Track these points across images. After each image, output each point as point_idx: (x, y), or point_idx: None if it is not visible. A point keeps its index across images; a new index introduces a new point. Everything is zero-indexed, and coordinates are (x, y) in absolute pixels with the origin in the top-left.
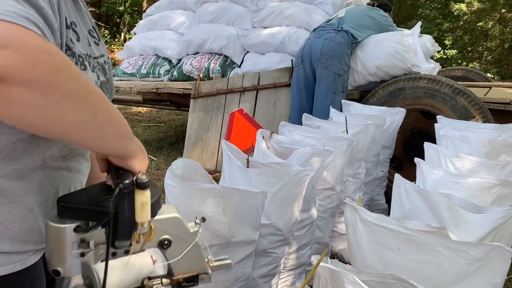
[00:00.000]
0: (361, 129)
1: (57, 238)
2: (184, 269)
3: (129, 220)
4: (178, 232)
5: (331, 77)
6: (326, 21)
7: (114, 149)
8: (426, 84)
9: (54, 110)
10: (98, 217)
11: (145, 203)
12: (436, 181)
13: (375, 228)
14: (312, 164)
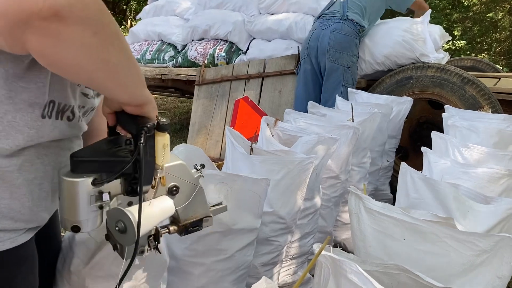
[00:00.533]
0: (367, 117)
1: (74, 193)
2: (190, 214)
3: (152, 163)
4: (185, 178)
5: (341, 71)
6: (328, 5)
7: (137, 95)
8: (435, 73)
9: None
10: (115, 168)
11: (166, 145)
12: (443, 171)
13: (380, 217)
14: (317, 152)
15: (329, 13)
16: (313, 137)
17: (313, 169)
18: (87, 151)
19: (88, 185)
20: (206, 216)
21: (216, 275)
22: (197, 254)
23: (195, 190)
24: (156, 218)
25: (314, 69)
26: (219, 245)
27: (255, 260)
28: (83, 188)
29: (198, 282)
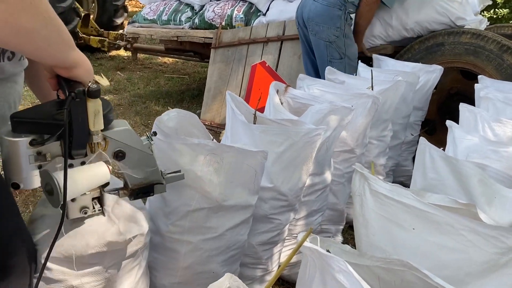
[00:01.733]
0: (390, 86)
1: (13, 152)
2: (140, 180)
3: (83, 129)
4: (131, 143)
5: (323, 45)
6: None
7: (61, 58)
8: (469, 40)
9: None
10: (52, 130)
11: (97, 112)
12: (470, 148)
13: (387, 201)
14: (328, 122)
15: None
16: (325, 106)
17: (323, 142)
18: (29, 112)
19: (26, 145)
20: (158, 182)
21: (204, 254)
22: (183, 231)
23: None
24: (87, 183)
25: (308, 39)
26: (208, 223)
27: (253, 238)
28: (22, 147)
29: (184, 261)
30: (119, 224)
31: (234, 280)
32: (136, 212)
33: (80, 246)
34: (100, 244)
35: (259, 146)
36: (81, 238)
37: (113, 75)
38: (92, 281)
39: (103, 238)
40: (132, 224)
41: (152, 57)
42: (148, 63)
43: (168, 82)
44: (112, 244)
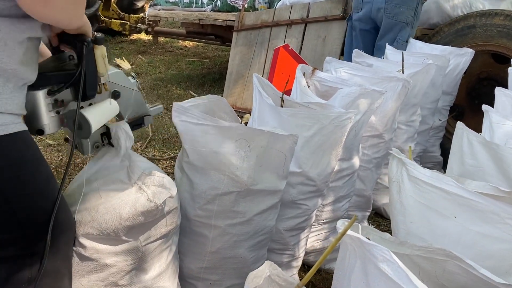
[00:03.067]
0: (419, 69)
1: (35, 103)
2: (132, 114)
3: (94, 72)
4: (123, 83)
5: (399, 27)
6: None
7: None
8: (502, 22)
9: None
10: (65, 79)
11: (104, 55)
12: (508, 134)
13: (427, 188)
14: (358, 106)
15: None
16: (355, 89)
17: (352, 126)
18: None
19: (44, 95)
20: (146, 114)
21: (232, 239)
22: (211, 215)
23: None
24: (105, 116)
25: (367, 24)
26: (236, 207)
27: (280, 224)
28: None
29: (212, 246)
30: (147, 192)
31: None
32: (163, 178)
33: (113, 219)
34: (133, 214)
35: (287, 130)
36: (113, 211)
37: (135, 58)
38: (125, 260)
39: (135, 208)
40: (161, 189)
41: (173, 40)
42: (169, 46)
43: (189, 66)
44: (144, 213)
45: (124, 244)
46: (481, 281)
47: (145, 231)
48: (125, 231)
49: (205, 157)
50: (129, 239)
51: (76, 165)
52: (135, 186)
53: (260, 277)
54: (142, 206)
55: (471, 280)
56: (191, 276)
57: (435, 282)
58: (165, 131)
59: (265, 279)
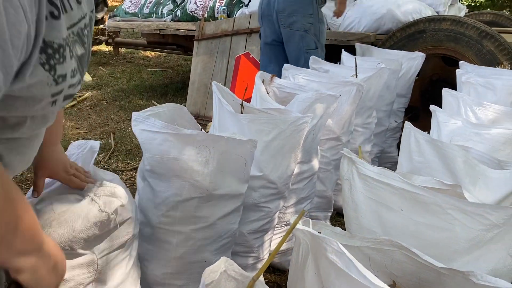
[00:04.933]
0: (373, 74)
1: None
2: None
3: None
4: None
5: (298, 36)
6: None
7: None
8: (450, 27)
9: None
10: None
11: None
12: (454, 132)
13: (375, 184)
14: (315, 110)
15: None
16: (311, 95)
17: (310, 130)
18: None
19: None
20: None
21: (196, 244)
22: (174, 222)
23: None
24: None
25: (273, 37)
26: (199, 212)
27: (243, 227)
28: None
29: (176, 251)
30: (99, 202)
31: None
32: (114, 187)
33: (67, 233)
34: (86, 226)
35: (247, 135)
36: (66, 225)
37: (96, 70)
38: (82, 273)
39: (87, 220)
40: (112, 198)
41: (134, 51)
42: (130, 57)
43: (151, 75)
44: (97, 224)
45: (80, 257)
46: (425, 267)
47: (100, 242)
48: (80, 244)
49: (166, 164)
50: (84, 251)
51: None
52: (87, 198)
53: (216, 272)
54: (94, 217)
55: (416, 267)
56: (156, 282)
57: (385, 272)
58: (128, 142)
59: (221, 273)
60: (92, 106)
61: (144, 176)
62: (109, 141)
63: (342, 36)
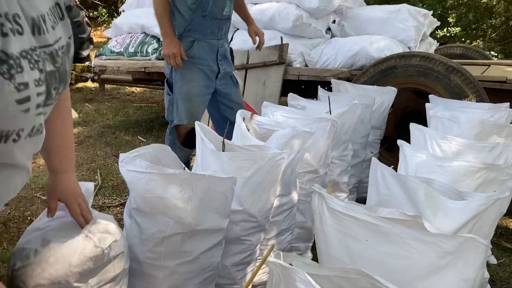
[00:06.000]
0: (347, 109)
1: None
2: None
3: None
4: None
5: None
6: None
7: None
8: (419, 62)
9: None
10: None
11: None
12: (419, 165)
13: (343, 217)
14: (292, 146)
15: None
16: (288, 131)
17: (288, 164)
18: None
19: None
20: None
21: (181, 277)
22: (160, 257)
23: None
24: None
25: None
26: (183, 247)
27: (226, 260)
28: None
29: (162, 285)
30: (94, 238)
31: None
32: (108, 224)
33: (64, 268)
34: (82, 261)
35: (228, 172)
36: (63, 260)
37: (82, 107)
38: None
39: (83, 255)
40: (106, 235)
41: (119, 87)
42: (116, 93)
43: (137, 111)
44: (92, 259)
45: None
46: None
47: (94, 275)
48: (75, 278)
49: (151, 202)
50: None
51: (25, 218)
52: (81, 234)
53: None
54: (89, 252)
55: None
56: None
57: None
58: (115, 178)
59: None
60: (79, 143)
61: (130, 214)
62: (96, 178)
63: (319, 72)
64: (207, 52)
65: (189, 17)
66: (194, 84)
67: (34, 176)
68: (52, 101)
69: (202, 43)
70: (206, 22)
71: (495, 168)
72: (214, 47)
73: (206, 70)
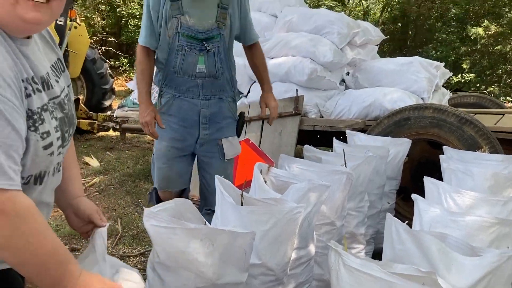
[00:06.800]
0: (362, 161)
1: None
2: None
3: None
4: None
5: None
6: None
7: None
8: (432, 114)
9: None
10: None
11: None
12: (433, 219)
13: (358, 274)
14: (309, 199)
15: None
16: (304, 184)
17: (304, 217)
18: None
19: None
20: None
21: None
22: None
23: None
24: None
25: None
26: None
27: None
28: None
29: None
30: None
31: None
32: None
33: None
34: None
35: (246, 225)
36: None
37: (103, 155)
38: None
39: None
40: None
41: (140, 136)
42: (136, 141)
43: None
44: None
45: None
46: None
47: None
48: None
49: (174, 257)
50: None
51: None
52: None
53: None
54: None
55: None
56: None
57: None
58: (135, 227)
59: None
60: (100, 191)
61: (153, 267)
62: (116, 227)
63: (334, 123)
64: (185, 111)
65: (164, 72)
66: (164, 144)
67: (56, 225)
68: (67, 143)
69: (179, 101)
70: (179, 79)
71: (508, 223)
72: (195, 108)
73: (181, 131)
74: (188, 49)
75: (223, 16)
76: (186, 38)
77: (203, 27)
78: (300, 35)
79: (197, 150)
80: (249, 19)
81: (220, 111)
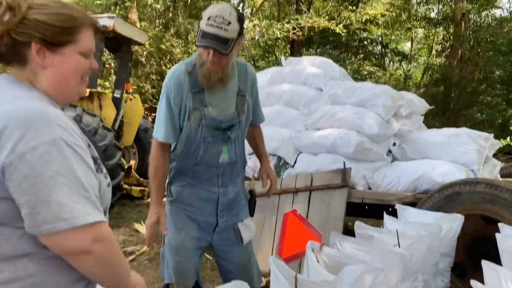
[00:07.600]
0: (415, 240)
1: None
2: None
3: None
4: None
5: None
6: None
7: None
8: (484, 189)
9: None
10: None
11: None
12: None
13: None
14: (363, 281)
15: None
16: (358, 267)
17: None
18: None
19: None
20: None
21: None
22: None
23: None
24: None
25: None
26: None
27: None
28: None
29: None
30: None
31: None
32: None
33: None
34: None
35: None
36: None
37: None
38: None
39: None
40: None
41: None
42: None
43: None
44: None
45: None
46: None
47: None
48: None
49: None
50: None
51: None
52: None
53: None
54: None
55: None
56: None
57: None
58: None
59: None
60: (150, 260)
61: None
62: None
63: (383, 196)
64: (203, 201)
65: (177, 163)
66: (183, 234)
67: None
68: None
69: (196, 190)
70: (199, 170)
71: None
72: (214, 196)
73: (200, 221)
74: (212, 141)
75: (242, 103)
76: (210, 130)
77: (225, 116)
78: (346, 107)
79: (214, 239)
80: (259, 101)
81: (236, 197)
